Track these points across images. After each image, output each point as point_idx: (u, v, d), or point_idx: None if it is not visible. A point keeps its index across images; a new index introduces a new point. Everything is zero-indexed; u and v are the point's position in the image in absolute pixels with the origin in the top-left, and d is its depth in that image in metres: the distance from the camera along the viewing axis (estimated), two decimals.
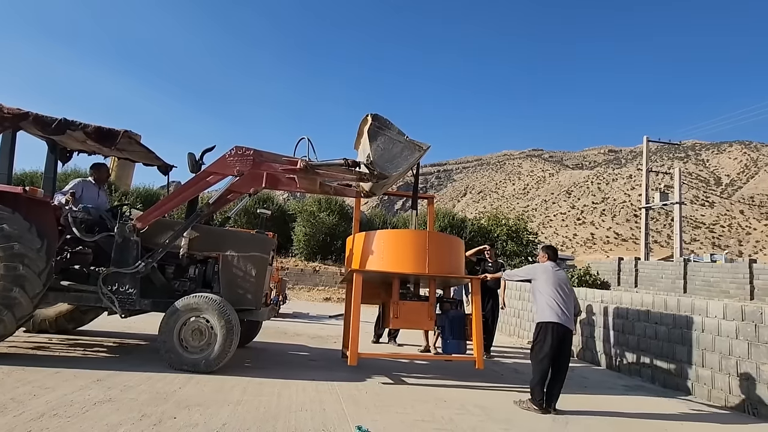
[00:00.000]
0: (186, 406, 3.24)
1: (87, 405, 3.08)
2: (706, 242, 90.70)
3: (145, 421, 2.89)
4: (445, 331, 5.29)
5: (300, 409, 3.45)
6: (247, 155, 4.60)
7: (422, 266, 4.83)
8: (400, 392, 4.29)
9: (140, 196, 20.57)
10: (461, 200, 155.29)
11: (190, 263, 4.84)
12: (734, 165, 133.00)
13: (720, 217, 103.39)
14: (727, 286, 18.46)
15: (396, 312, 4.95)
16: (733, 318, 4.82)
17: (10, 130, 4.49)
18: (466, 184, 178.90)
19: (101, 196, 5.20)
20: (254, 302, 4.77)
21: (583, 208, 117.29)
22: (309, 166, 4.62)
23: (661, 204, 25.99)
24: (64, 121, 4.37)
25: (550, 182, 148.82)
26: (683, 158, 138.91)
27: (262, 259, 4.92)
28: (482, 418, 3.69)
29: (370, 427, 3.17)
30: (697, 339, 5.20)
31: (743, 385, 4.60)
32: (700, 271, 20.05)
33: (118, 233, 4.48)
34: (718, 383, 4.89)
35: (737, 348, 4.72)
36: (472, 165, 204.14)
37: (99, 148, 5.07)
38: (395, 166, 4.74)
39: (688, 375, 5.27)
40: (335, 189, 5.37)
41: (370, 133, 4.69)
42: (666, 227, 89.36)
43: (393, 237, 5.35)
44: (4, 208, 4.06)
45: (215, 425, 2.93)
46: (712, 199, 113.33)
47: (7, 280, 3.92)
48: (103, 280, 4.40)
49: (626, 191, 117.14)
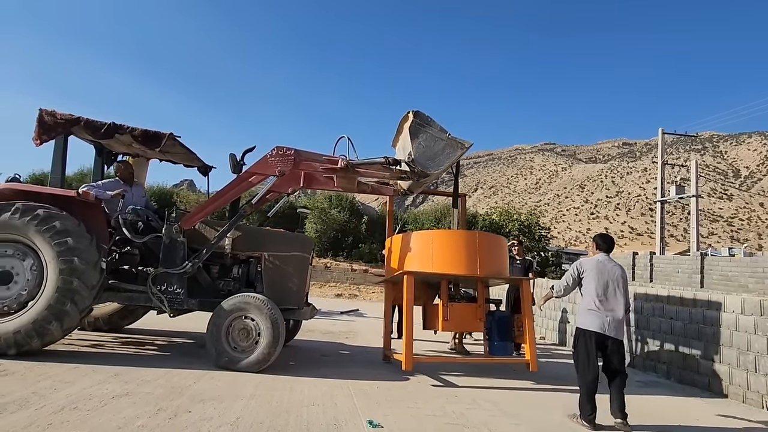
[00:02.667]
0: (201, 400, 3.30)
1: (105, 399, 3.17)
2: (724, 236, 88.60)
3: (162, 415, 2.95)
4: (491, 333, 5.14)
5: (312, 403, 3.49)
6: (288, 155, 4.65)
7: (473, 268, 4.77)
8: (411, 388, 4.30)
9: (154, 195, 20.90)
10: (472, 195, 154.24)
11: (233, 263, 4.92)
12: (754, 156, 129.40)
13: (739, 210, 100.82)
14: (746, 280, 18.03)
15: (445, 314, 4.88)
16: (752, 313, 4.72)
17: (62, 136, 4.62)
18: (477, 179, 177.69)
19: (136, 194, 5.22)
20: (296, 301, 4.82)
21: (597, 203, 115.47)
22: (350, 165, 4.64)
23: (677, 197, 25.45)
24: (113, 125, 4.51)
25: (562, 176, 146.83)
26: (700, 150, 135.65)
27: (304, 258, 4.98)
28: (493, 412, 3.69)
29: (381, 421, 3.19)
30: (714, 334, 5.10)
31: (760, 381, 4.51)
32: (718, 266, 19.62)
33: (166, 234, 4.57)
34: (735, 379, 4.80)
35: (756, 343, 4.62)
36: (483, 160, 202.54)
37: (144, 150, 5.18)
38: (437, 164, 4.67)
39: (705, 371, 5.18)
40: (372, 187, 5.36)
41: (412, 130, 4.64)
42: (682, 221, 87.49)
43: (442, 237, 5.27)
44: (69, 219, 4.17)
45: (229, 419, 2.99)
46: (731, 192, 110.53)
47: (61, 293, 4.02)
48: (152, 280, 4.49)
49: (641, 185, 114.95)
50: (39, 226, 4.07)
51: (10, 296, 4.14)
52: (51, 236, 4.06)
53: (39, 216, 4.09)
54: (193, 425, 2.82)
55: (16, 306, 4.13)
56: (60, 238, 4.07)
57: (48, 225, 4.08)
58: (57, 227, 4.09)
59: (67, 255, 4.05)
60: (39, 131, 4.43)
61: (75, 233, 4.13)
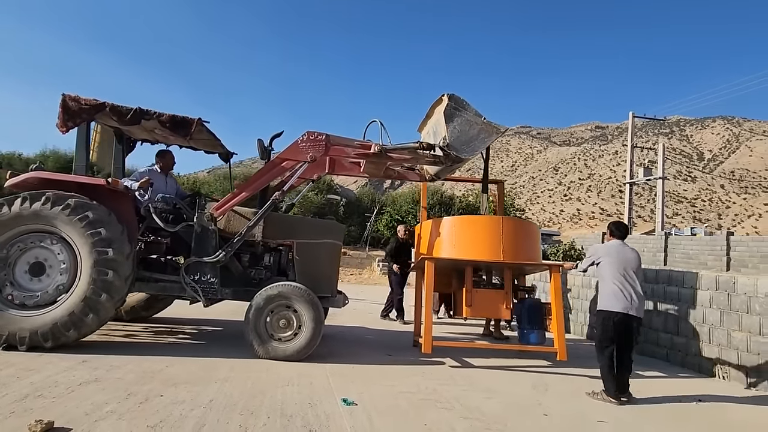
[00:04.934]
0: (173, 384, 3.27)
1: (72, 385, 3.09)
2: (687, 216, 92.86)
3: (132, 399, 2.90)
4: (522, 321, 5.09)
5: (287, 383, 3.51)
6: (319, 140, 4.56)
7: (497, 253, 4.72)
8: (388, 367, 4.38)
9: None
10: None
11: (264, 251, 4.85)
12: (717, 140, 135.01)
13: (701, 192, 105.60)
14: (705, 258, 19.05)
15: (469, 300, 4.82)
16: (708, 288, 4.99)
17: (86, 122, 4.45)
18: None
19: (169, 184, 5.17)
20: (330, 289, 4.81)
21: (570, 185, 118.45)
22: (383, 150, 4.57)
23: (644, 179, 26.37)
24: (139, 110, 4.35)
25: (537, 159, 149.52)
26: (668, 134, 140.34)
27: (335, 245, 4.95)
28: (466, 387, 3.81)
29: (356, 399, 3.24)
30: (671, 310, 5.38)
31: (714, 351, 4.81)
32: (680, 244, 20.62)
33: (197, 223, 4.48)
34: (692, 349, 5.10)
35: (711, 316, 4.90)
36: None
37: (165, 137, 5.07)
38: (472, 149, 4.59)
39: (663, 344, 5.48)
40: (399, 173, 5.33)
41: (447, 114, 4.53)
42: (650, 202, 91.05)
43: (465, 223, 5.19)
44: (101, 208, 4.07)
45: (202, 401, 2.97)
46: (695, 174, 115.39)
47: (97, 285, 3.95)
48: (185, 269, 4.41)
49: (612, 167, 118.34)
50: (71, 216, 3.97)
51: (44, 288, 4.05)
52: (84, 227, 3.98)
53: (71, 206, 4.00)
54: (164, 409, 2.79)
55: (50, 298, 4.04)
56: (93, 228, 3.98)
57: (81, 215, 3.98)
58: (90, 217, 4.00)
59: (101, 246, 3.98)
60: (63, 117, 4.28)
61: (108, 224, 4.05)
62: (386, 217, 21.39)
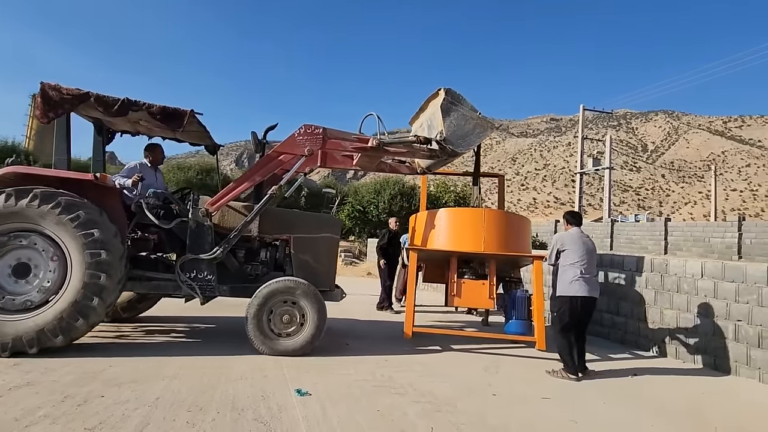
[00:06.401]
0: (116, 384, 3.11)
1: (1, 391, 2.87)
2: (633, 204, 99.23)
3: (69, 402, 2.74)
4: (506, 311, 5.17)
5: (240, 377, 3.44)
6: (316, 134, 4.46)
7: (478, 244, 4.79)
8: (344, 357, 4.38)
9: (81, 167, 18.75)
10: None
11: (260, 246, 4.70)
12: (659, 133, 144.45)
13: (645, 181, 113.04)
14: (646, 242, 20.46)
15: (453, 290, 4.91)
16: (644, 270, 5.37)
17: (65, 113, 4.08)
18: None
19: (158, 179, 4.88)
20: (328, 283, 4.71)
21: (527, 175, 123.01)
22: (381, 144, 4.49)
23: (594, 169, 27.82)
24: (127, 101, 4.05)
25: (497, 150, 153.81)
26: (616, 126, 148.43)
27: (332, 239, 4.86)
28: (421, 373, 3.89)
29: (310, 389, 3.24)
30: (612, 291, 5.76)
31: (648, 329, 5.21)
32: (625, 230, 22.03)
33: (192, 218, 4.31)
34: (629, 328, 5.49)
35: (647, 296, 5.29)
36: None
37: (150, 129, 4.79)
38: (467, 143, 4.63)
39: (605, 323, 5.86)
40: (390, 166, 5.29)
41: (443, 108, 4.52)
42: (599, 191, 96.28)
43: (451, 215, 5.26)
44: (92, 207, 3.82)
45: (148, 399, 2.86)
46: (639, 165, 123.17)
47: (88, 288, 3.73)
48: (180, 267, 4.23)
49: (565, 158, 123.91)
50: (62, 215, 3.70)
51: (30, 290, 3.74)
52: (76, 227, 3.72)
53: (61, 204, 3.70)
54: (105, 410, 2.66)
55: (38, 301, 3.72)
56: (86, 229, 3.73)
57: (72, 214, 3.72)
58: (81, 217, 3.70)
59: (94, 248, 3.72)
60: (44, 108, 3.93)
61: (100, 224, 3.81)
62: (348, 208, 21.31)
